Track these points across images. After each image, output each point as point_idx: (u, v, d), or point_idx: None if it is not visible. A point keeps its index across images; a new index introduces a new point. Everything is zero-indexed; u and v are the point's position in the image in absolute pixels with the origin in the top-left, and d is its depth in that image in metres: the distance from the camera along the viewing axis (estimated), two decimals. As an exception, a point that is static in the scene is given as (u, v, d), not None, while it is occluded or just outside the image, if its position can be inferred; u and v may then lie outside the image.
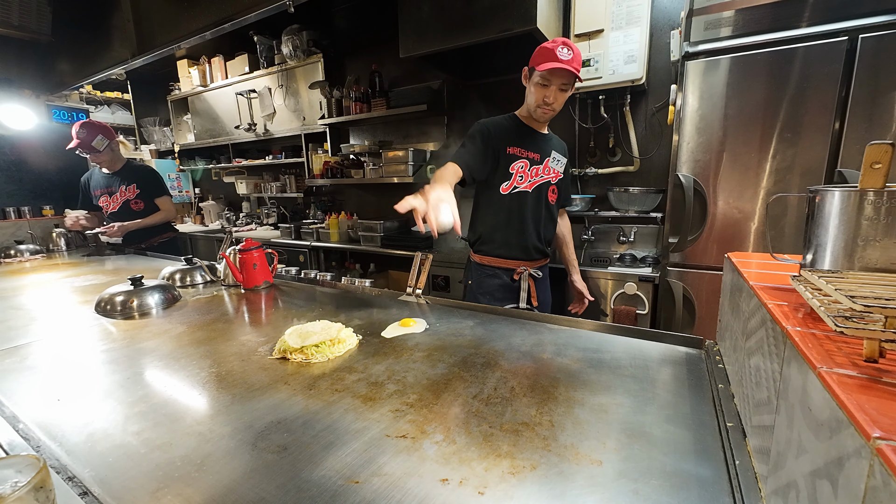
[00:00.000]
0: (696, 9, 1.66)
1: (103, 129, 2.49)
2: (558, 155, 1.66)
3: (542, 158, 1.61)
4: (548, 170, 1.63)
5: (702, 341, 0.95)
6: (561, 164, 1.67)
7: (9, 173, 2.93)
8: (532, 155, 1.59)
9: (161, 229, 2.77)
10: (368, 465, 0.58)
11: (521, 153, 1.58)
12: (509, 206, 1.61)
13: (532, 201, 1.62)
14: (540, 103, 1.49)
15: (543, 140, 1.63)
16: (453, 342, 1.01)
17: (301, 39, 3.38)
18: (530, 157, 1.59)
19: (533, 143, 1.60)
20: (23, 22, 2.49)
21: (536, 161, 1.60)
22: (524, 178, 1.59)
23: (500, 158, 1.58)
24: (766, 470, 0.51)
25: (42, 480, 0.44)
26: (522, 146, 1.58)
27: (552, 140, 1.67)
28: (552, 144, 1.65)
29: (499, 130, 1.59)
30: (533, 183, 1.61)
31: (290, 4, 1.58)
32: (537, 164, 1.60)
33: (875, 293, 0.42)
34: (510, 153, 1.57)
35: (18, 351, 1.04)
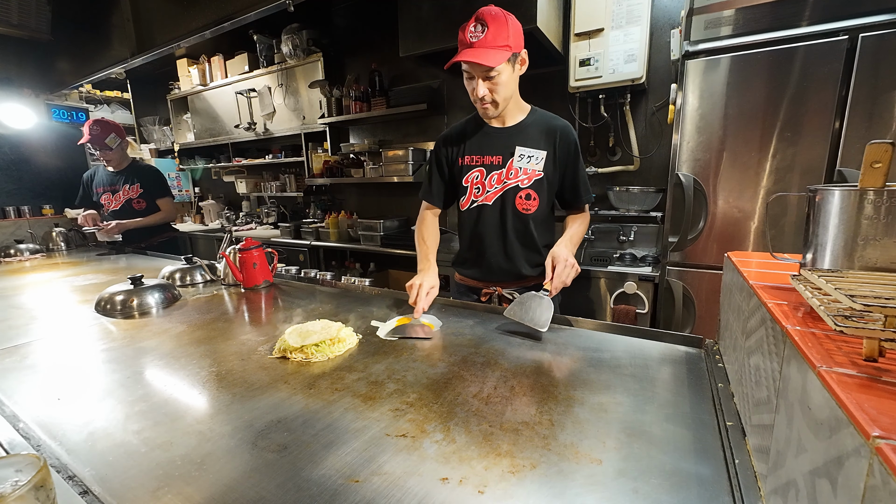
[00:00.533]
0: (697, 8, 1.66)
1: (116, 128, 2.52)
2: (529, 150, 1.32)
3: (505, 160, 1.34)
4: (513, 172, 1.33)
5: (702, 340, 0.95)
6: (536, 161, 1.32)
7: (9, 172, 2.93)
8: (489, 159, 1.35)
9: (161, 229, 2.78)
10: (368, 463, 0.58)
11: (475, 161, 1.37)
12: (468, 223, 1.42)
13: (492, 215, 1.37)
14: (475, 100, 1.27)
15: (506, 136, 1.35)
16: (453, 341, 1.01)
17: (301, 38, 3.37)
18: (487, 163, 1.35)
19: (490, 144, 1.36)
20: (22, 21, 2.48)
21: (496, 166, 1.34)
22: (481, 189, 1.36)
23: (454, 173, 1.42)
24: (765, 469, 0.51)
25: (42, 479, 0.44)
26: (478, 152, 1.37)
27: (523, 130, 1.35)
28: (521, 137, 1.33)
29: (450, 142, 1.42)
30: (494, 193, 1.35)
31: (290, 3, 1.58)
32: (497, 169, 1.34)
33: (875, 292, 0.42)
34: (462, 164, 1.39)
35: (18, 350, 1.04)
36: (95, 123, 2.46)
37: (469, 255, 1.47)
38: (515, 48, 1.20)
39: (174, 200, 2.85)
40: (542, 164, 1.33)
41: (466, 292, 1.52)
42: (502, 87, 1.23)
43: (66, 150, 3.16)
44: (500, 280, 1.43)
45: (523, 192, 1.34)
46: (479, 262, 1.44)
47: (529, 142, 1.33)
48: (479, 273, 1.46)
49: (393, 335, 1.05)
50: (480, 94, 1.23)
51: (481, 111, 1.31)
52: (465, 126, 1.43)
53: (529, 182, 1.34)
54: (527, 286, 1.42)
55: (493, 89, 1.23)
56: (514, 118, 1.37)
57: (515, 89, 1.32)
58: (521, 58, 1.25)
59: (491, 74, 1.20)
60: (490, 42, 1.15)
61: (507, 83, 1.24)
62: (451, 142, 1.43)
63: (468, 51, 1.17)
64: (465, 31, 1.18)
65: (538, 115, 1.39)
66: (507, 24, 1.16)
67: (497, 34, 1.15)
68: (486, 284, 1.45)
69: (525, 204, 1.35)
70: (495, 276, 1.42)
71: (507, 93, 1.26)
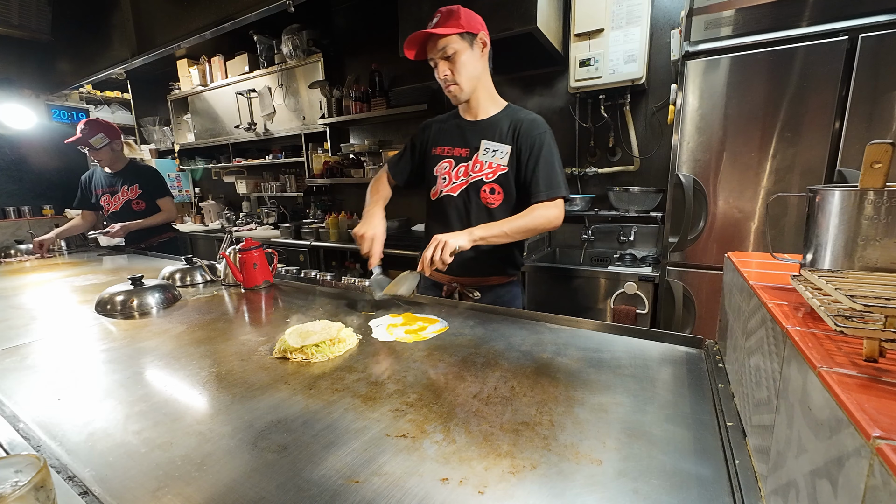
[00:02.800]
0: (697, 8, 1.66)
1: (106, 128, 2.50)
2: (495, 144, 1.33)
3: (471, 153, 1.36)
4: (478, 166, 1.35)
5: (702, 341, 0.95)
6: (500, 155, 1.33)
7: (9, 173, 2.93)
8: (458, 151, 1.38)
9: (161, 229, 2.77)
10: (368, 464, 0.58)
11: (445, 152, 1.40)
12: (436, 213, 1.44)
13: (457, 207, 1.38)
14: (442, 85, 1.31)
15: (474, 129, 1.37)
16: (453, 342, 1.01)
17: (301, 39, 3.38)
18: (455, 155, 1.38)
19: (461, 136, 1.39)
20: (23, 21, 2.49)
21: (463, 158, 1.37)
22: (447, 179, 1.39)
23: (426, 161, 1.45)
24: (765, 469, 0.51)
25: (42, 480, 0.44)
26: (449, 143, 1.40)
27: (492, 124, 1.35)
28: (488, 131, 1.35)
29: (428, 130, 1.46)
30: (459, 185, 1.37)
31: (290, 4, 1.58)
32: (464, 162, 1.37)
33: (875, 293, 0.42)
34: (434, 154, 1.42)
35: (19, 350, 1.04)
36: (86, 123, 2.46)
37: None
38: (469, 28, 1.24)
39: (174, 200, 2.85)
40: (506, 159, 1.33)
41: (432, 287, 1.51)
42: (462, 66, 1.26)
43: (67, 151, 3.15)
44: (462, 274, 1.41)
45: (487, 185, 1.35)
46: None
47: (496, 136, 1.34)
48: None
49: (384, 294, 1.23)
50: (442, 74, 1.27)
51: (449, 96, 1.33)
52: (446, 118, 1.47)
53: (494, 176, 1.34)
54: (488, 284, 1.42)
55: (454, 69, 1.27)
56: (487, 112, 1.38)
57: (483, 75, 1.33)
58: (479, 40, 1.28)
59: (447, 52, 1.24)
60: (441, 25, 1.24)
61: (467, 63, 1.27)
62: (429, 130, 1.48)
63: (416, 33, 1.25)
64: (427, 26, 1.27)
65: (511, 110, 1.38)
66: (459, 11, 1.24)
67: (448, 18, 1.24)
68: (450, 280, 1.44)
69: (489, 198, 1.35)
70: (457, 270, 1.37)
71: (469, 73, 1.28)
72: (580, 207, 2.48)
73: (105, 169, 2.62)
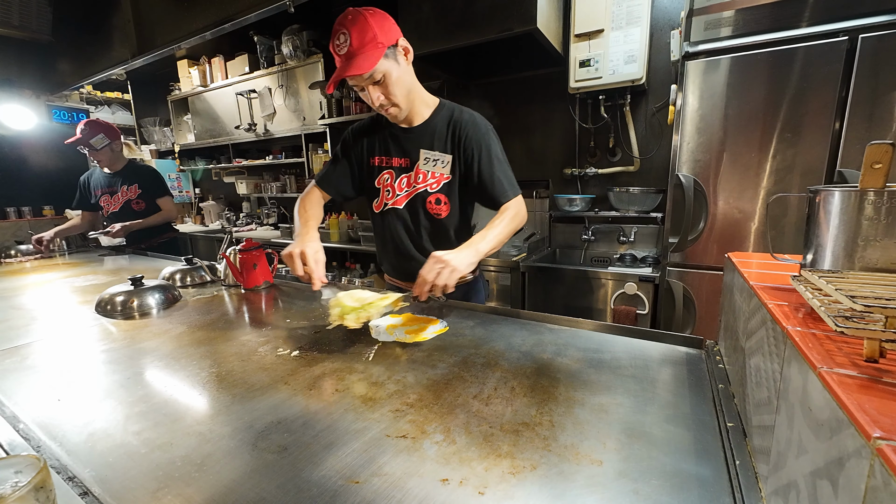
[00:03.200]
0: (697, 9, 1.66)
1: (106, 129, 2.50)
2: (434, 153, 1.24)
3: (412, 163, 1.27)
4: (420, 176, 1.26)
5: (702, 341, 0.95)
6: (442, 164, 1.24)
7: (9, 173, 2.93)
8: (398, 161, 1.29)
9: (162, 229, 2.78)
10: (369, 465, 0.58)
11: (384, 162, 1.31)
12: (382, 226, 1.38)
13: (405, 219, 1.32)
14: (376, 109, 1.20)
15: (411, 137, 1.27)
16: (453, 342, 1.01)
17: (301, 39, 3.38)
18: (395, 166, 1.29)
19: (398, 145, 1.29)
20: (23, 22, 2.49)
21: (405, 168, 1.28)
22: (391, 192, 1.31)
23: (364, 172, 1.35)
24: (766, 470, 0.51)
25: (42, 480, 0.44)
26: (386, 153, 1.30)
27: (428, 131, 1.26)
28: (425, 139, 1.26)
29: (360, 138, 1.35)
30: (403, 197, 1.29)
31: (291, 4, 1.58)
32: (406, 172, 1.28)
33: (875, 293, 0.42)
34: (373, 164, 1.33)
35: (19, 351, 1.04)
36: (86, 124, 2.46)
37: (387, 258, 1.43)
38: (388, 41, 1.09)
39: (174, 200, 2.86)
40: (448, 167, 1.25)
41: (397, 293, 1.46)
42: (395, 86, 1.14)
43: (67, 152, 3.15)
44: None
45: (433, 196, 1.27)
46: (398, 265, 1.40)
47: (435, 143, 1.25)
48: (401, 275, 1.42)
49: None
50: (376, 101, 1.15)
51: (388, 117, 1.24)
52: (375, 122, 1.34)
53: (438, 186, 1.26)
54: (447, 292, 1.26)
55: (387, 92, 1.15)
56: (421, 115, 1.27)
57: (413, 84, 1.22)
58: (401, 47, 1.14)
59: (376, 78, 1.11)
60: (356, 48, 1.06)
61: (399, 80, 1.15)
62: (360, 137, 1.36)
63: (340, 65, 1.09)
64: (332, 46, 1.10)
65: (445, 110, 1.28)
66: (369, 22, 1.06)
67: (362, 36, 1.06)
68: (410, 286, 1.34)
69: (436, 209, 1.29)
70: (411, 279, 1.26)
71: (403, 90, 1.17)
72: (580, 208, 2.48)
73: (104, 169, 2.63)
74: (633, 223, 2.54)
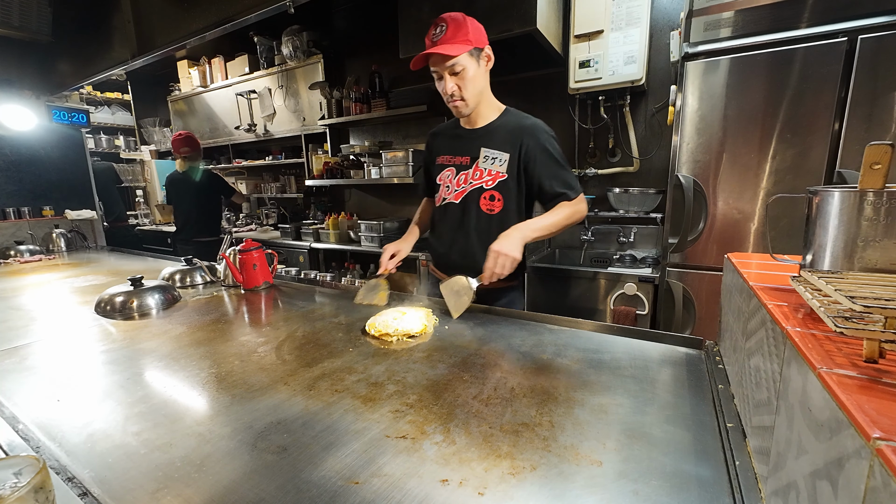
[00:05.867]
0: (696, 9, 1.66)
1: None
2: (494, 151, 1.34)
3: (472, 161, 1.37)
4: (478, 173, 1.36)
5: (702, 342, 0.95)
6: (500, 162, 1.33)
7: (9, 173, 2.93)
8: (460, 160, 1.40)
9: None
10: (368, 465, 0.58)
11: (448, 160, 1.43)
12: (439, 219, 1.49)
13: (457, 214, 1.41)
14: (446, 99, 1.31)
15: (474, 137, 1.38)
16: (453, 342, 1.01)
17: (301, 40, 3.38)
18: (457, 163, 1.41)
19: (461, 145, 1.41)
20: (23, 22, 2.49)
21: (464, 166, 1.39)
22: (450, 188, 1.42)
23: (431, 170, 1.52)
24: (766, 470, 0.51)
25: (42, 481, 0.44)
26: (450, 152, 1.43)
27: (491, 132, 1.37)
28: (486, 139, 1.36)
29: (434, 140, 1.52)
30: (460, 192, 1.39)
31: (290, 5, 1.58)
32: (465, 170, 1.39)
33: (875, 294, 0.42)
34: (439, 163, 1.46)
35: (18, 351, 1.04)
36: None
37: (437, 250, 1.52)
38: (477, 44, 1.24)
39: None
40: (505, 166, 1.33)
41: (436, 283, 1.52)
42: (469, 82, 1.27)
43: (67, 152, 3.16)
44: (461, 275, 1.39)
45: (487, 192, 1.36)
46: (445, 258, 1.49)
47: (495, 143, 1.35)
48: (445, 268, 1.49)
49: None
50: (449, 90, 1.27)
51: (453, 109, 1.34)
52: (447, 126, 1.51)
53: (493, 183, 1.35)
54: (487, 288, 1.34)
55: (461, 84, 1.26)
56: (486, 119, 1.38)
57: (485, 88, 1.34)
58: (485, 53, 1.29)
59: (455, 69, 1.24)
60: (450, 39, 1.20)
61: (474, 79, 1.27)
62: (434, 140, 1.53)
63: (430, 48, 1.23)
64: (428, 36, 1.25)
65: (509, 115, 1.39)
66: (466, 23, 1.22)
67: (456, 32, 1.21)
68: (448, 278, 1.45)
69: (489, 205, 1.37)
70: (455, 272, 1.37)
71: (475, 89, 1.29)
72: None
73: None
74: (632, 224, 2.54)
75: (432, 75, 1.30)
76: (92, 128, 4.32)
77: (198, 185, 3.31)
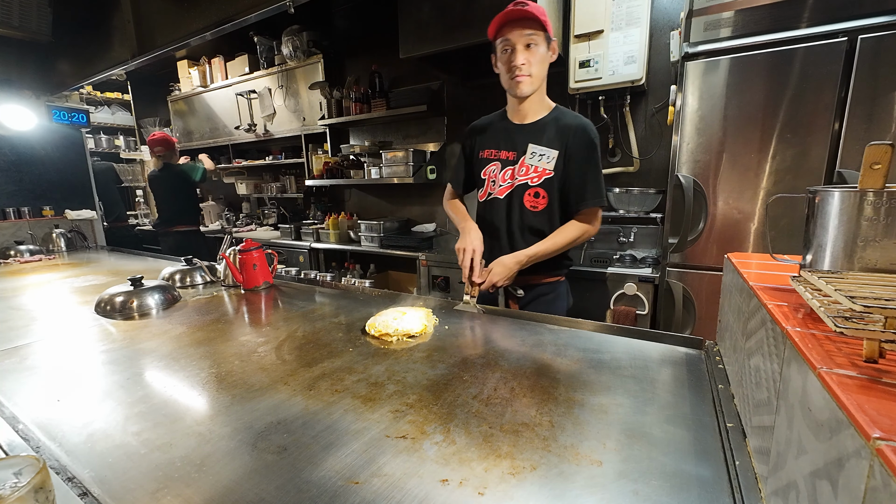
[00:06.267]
0: (696, 9, 1.66)
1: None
2: (542, 148, 1.33)
3: (518, 157, 1.36)
4: (524, 170, 1.35)
5: (702, 342, 0.95)
6: (547, 159, 1.32)
7: (9, 173, 2.93)
8: (505, 154, 1.39)
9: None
10: (368, 465, 0.58)
11: (493, 155, 1.41)
12: (483, 215, 1.47)
13: (501, 210, 1.40)
14: (510, 73, 1.28)
15: (523, 132, 1.37)
16: (453, 342, 1.01)
17: (301, 40, 3.38)
18: (503, 158, 1.39)
19: (508, 139, 1.39)
20: (23, 22, 2.48)
21: (510, 161, 1.38)
22: (496, 182, 1.41)
23: (474, 164, 1.47)
24: (766, 470, 0.51)
25: (42, 481, 0.44)
26: (496, 146, 1.41)
27: (539, 128, 1.35)
28: (536, 135, 1.35)
29: (478, 132, 1.48)
30: (505, 188, 1.38)
31: (290, 5, 1.58)
32: (511, 165, 1.37)
33: (875, 293, 0.42)
34: (482, 157, 1.44)
35: (18, 351, 1.04)
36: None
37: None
38: (549, 31, 1.26)
39: None
40: (553, 163, 1.33)
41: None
42: (539, 61, 1.27)
43: (67, 152, 3.16)
44: None
45: (532, 189, 1.36)
46: (488, 254, 1.43)
47: (544, 140, 1.34)
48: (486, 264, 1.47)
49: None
50: (520, 60, 1.24)
51: (514, 85, 1.30)
52: (492, 120, 1.48)
53: (539, 180, 1.35)
54: (530, 283, 1.42)
55: (530, 60, 1.25)
56: (536, 114, 1.37)
57: (545, 78, 1.34)
58: (552, 46, 1.30)
59: (532, 40, 1.23)
60: (534, 8, 1.21)
61: (542, 60, 1.28)
62: (475, 133, 1.49)
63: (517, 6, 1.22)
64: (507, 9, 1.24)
65: (559, 112, 1.38)
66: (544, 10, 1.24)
67: (540, 9, 1.22)
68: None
69: (534, 202, 1.36)
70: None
71: (541, 71, 1.29)
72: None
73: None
74: (632, 224, 2.53)
75: (497, 46, 1.29)
76: (92, 128, 4.32)
77: (173, 180, 3.51)
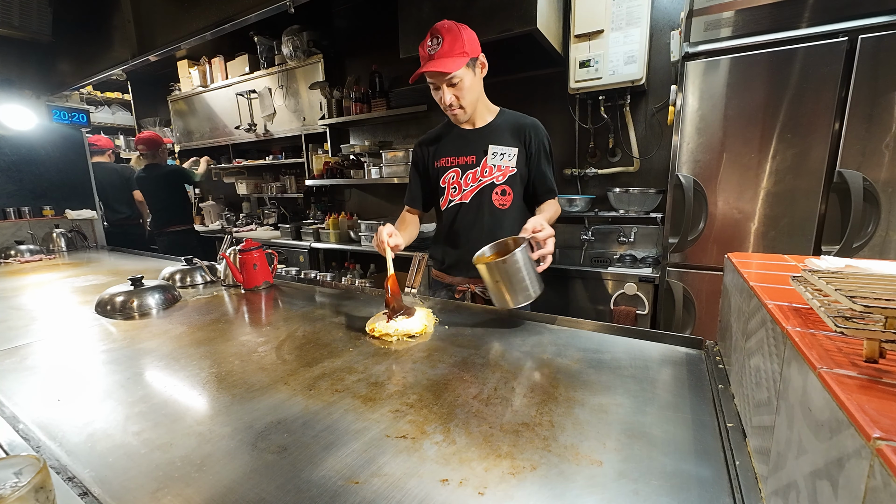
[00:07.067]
0: (696, 9, 1.66)
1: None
2: (501, 147, 1.38)
3: (479, 159, 1.40)
4: (487, 170, 1.39)
5: (702, 341, 0.95)
6: (509, 157, 1.38)
7: (9, 173, 2.92)
8: (464, 160, 1.42)
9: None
10: (368, 465, 0.58)
11: (451, 162, 1.44)
12: (447, 221, 1.48)
13: (469, 212, 1.43)
14: (444, 108, 1.34)
15: (478, 136, 1.42)
16: (453, 342, 1.01)
17: (301, 40, 3.38)
18: (462, 163, 1.42)
19: (464, 144, 1.43)
20: (23, 22, 2.48)
21: (471, 165, 1.41)
22: (458, 188, 1.43)
23: (431, 175, 1.49)
24: (766, 470, 0.51)
25: (42, 481, 0.44)
26: (455, 153, 1.44)
27: (494, 130, 1.41)
28: (493, 136, 1.40)
29: (426, 146, 1.50)
30: (470, 191, 1.41)
31: (291, 5, 1.58)
32: (472, 168, 1.41)
33: (875, 293, 0.42)
34: (438, 166, 1.46)
35: (19, 351, 1.04)
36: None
37: (446, 253, 1.52)
38: (472, 53, 1.27)
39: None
40: (514, 160, 1.39)
41: (441, 289, 1.57)
42: (466, 91, 1.31)
43: (67, 152, 3.16)
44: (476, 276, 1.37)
45: (499, 188, 1.40)
46: (456, 260, 1.49)
47: (501, 140, 1.40)
48: (455, 270, 1.51)
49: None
50: (447, 101, 1.30)
51: (451, 117, 1.39)
52: (440, 130, 1.51)
53: (504, 178, 1.40)
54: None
55: (459, 95, 1.30)
56: (484, 119, 1.43)
57: (481, 92, 1.38)
58: (480, 62, 1.32)
59: (453, 81, 1.27)
60: (447, 52, 1.23)
61: (471, 87, 1.31)
62: (426, 145, 1.51)
63: (428, 63, 1.25)
64: (424, 47, 1.27)
65: (507, 115, 1.45)
66: (461, 34, 1.25)
67: (453, 44, 1.23)
68: (462, 281, 1.49)
69: (501, 199, 1.41)
70: (471, 273, 1.40)
71: (472, 97, 1.34)
72: (580, 208, 2.48)
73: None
74: (632, 223, 2.54)
75: (429, 85, 1.33)
76: (92, 128, 4.31)
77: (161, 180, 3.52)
